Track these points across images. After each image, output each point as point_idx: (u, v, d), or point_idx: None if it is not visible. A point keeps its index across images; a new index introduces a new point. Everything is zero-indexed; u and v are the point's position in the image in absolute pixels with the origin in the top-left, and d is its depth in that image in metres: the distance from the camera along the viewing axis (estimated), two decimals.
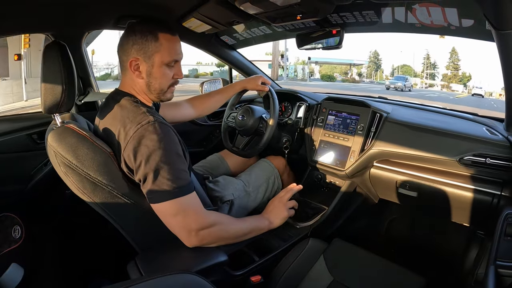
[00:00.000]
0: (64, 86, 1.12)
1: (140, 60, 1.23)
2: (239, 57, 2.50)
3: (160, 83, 1.28)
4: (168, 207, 1.13)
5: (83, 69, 1.86)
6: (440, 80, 58.09)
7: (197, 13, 1.60)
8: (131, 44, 1.23)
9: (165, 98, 1.35)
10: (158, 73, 1.27)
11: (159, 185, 1.11)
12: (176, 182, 1.13)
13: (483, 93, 38.21)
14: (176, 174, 1.14)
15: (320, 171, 1.96)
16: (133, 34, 1.23)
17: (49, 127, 1.24)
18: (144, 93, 1.30)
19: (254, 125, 1.86)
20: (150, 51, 1.23)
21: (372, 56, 61.78)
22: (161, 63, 1.25)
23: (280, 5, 1.32)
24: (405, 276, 1.30)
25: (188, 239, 1.18)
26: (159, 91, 1.30)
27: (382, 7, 1.44)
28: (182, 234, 1.18)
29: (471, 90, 44.62)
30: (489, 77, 62.00)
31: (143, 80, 1.27)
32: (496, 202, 1.38)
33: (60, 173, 1.15)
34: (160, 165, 1.11)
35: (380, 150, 1.64)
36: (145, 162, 1.11)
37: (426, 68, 58.69)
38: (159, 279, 0.82)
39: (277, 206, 1.54)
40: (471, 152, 1.42)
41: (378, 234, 2.19)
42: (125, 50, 1.24)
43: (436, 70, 59.75)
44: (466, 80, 56.97)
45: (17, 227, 1.44)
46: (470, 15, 1.28)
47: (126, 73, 1.28)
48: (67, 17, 1.53)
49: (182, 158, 1.20)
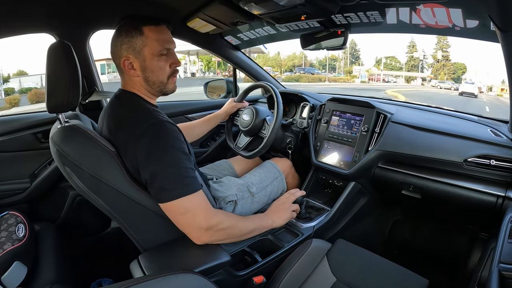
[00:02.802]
0: (68, 85, 1.12)
1: (131, 57, 1.25)
2: (244, 58, 2.50)
3: (157, 76, 1.29)
4: (177, 206, 1.14)
5: (87, 68, 1.86)
6: (430, 72, 53.55)
7: (201, 13, 1.61)
8: (120, 45, 1.24)
9: (168, 90, 1.36)
10: (153, 66, 1.27)
11: (167, 184, 1.12)
12: (184, 181, 1.14)
13: (476, 90, 29.26)
14: (183, 173, 1.15)
15: (324, 171, 1.95)
16: (119, 35, 1.24)
17: (54, 126, 1.25)
18: (146, 90, 1.31)
19: (257, 126, 1.86)
20: (138, 47, 1.24)
21: (350, 47, 59.99)
22: (152, 55, 1.26)
23: (284, 5, 1.32)
24: (408, 278, 1.30)
25: (198, 236, 1.20)
26: (159, 83, 1.31)
27: (386, 8, 1.43)
28: (192, 232, 1.20)
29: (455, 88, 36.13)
30: (488, 68, 57.97)
31: (140, 77, 1.28)
32: (500, 204, 1.37)
33: (64, 172, 1.15)
34: (167, 164, 1.13)
35: (384, 151, 1.64)
36: (151, 161, 1.12)
37: (410, 59, 55.75)
38: (162, 279, 0.82)
39: (280, 207, 1.56)
40: (476, 154, 1.41)
41: (381, 235, 2.18)
42: (116, 53, 1.26)
43: (425, 60, 55.81)
44: (460, 72, 51.94)
45: (21, 225, 1.45)
46: (474, 16, 1.27)
47: (123, 74, 1.30)
48: (72, 17, 1.54)
49: (189, 156, 1.21)
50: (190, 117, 2.40)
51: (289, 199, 1.59)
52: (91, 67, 1.90)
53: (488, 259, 1.31)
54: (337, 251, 1.44)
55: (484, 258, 1.34)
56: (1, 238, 1.36)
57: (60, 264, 1.46)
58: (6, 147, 1.78)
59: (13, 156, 1.81)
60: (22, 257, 1.31)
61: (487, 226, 1.58)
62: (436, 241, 2.04)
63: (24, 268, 1.30)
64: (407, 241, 2.15)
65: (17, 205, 1.80)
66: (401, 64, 57.62)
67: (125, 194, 1.15)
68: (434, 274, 1.67)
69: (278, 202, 1.59)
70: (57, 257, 1.49)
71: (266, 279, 1.34)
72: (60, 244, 1.61)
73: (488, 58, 55.73)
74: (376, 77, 50.68)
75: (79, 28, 1.69)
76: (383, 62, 58.19)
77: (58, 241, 1.62)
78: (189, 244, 1.22)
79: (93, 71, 1.92)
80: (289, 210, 1.56)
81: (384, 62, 58.63)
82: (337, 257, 1.41)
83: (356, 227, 1.92)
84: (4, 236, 1.36)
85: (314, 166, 1.95)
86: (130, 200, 1.16)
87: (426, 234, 2.10)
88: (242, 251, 1.47)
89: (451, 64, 53.16)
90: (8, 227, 1.42)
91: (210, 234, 1.20)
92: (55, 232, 1.68)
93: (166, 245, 1.25)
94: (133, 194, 1.16)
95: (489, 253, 1.33)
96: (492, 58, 51.39)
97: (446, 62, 53.09)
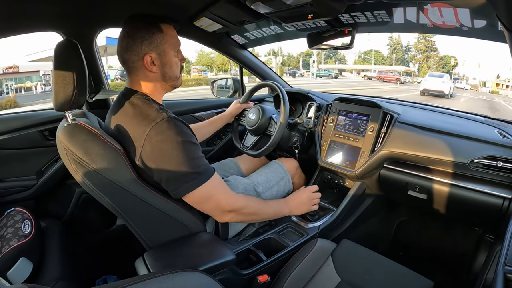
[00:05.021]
0: (75, 83, 1.12)
1: (153, 54, 1.27)
2: (250, 57, 2.50)
3: (173, 71, 1.35)
4: (198, 195, 1.21)
5: (94, 67, 1.87)
6: (415, 67, 48.33)
7: (208, 12, 1.61)
8: (140, 41, 1.25)
9: (178, 84, 1.41)
10: (171, 62, 1.33)
11: (184, 178, 1.17)
12: (199, 169, 1.20)
13: (446, 87, 20.79)
14: (197, 163, 1.20)
15: (330, 171, 1.95)
16: (138, 31, 1.25)
17: (60, 124, 1.25)
18: (158, 87, 1.35)
19: (264, 125, 1.86)
20: (159, 43, 1.28)
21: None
22: (170, 51, 1.32)
23: (291, 4, 1.32)
24: (412, 279, 1.29)
25: (221, 217, 1.33)
26: (174, 78, 1.37)
27: (393, 7, 1.43)
28: (215, 214, 1.32)
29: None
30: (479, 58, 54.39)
31: (157, 73, 1.31)
32: (506, 206, 1.36)
33: (70, 170, 1.16)
34: (182, 159, 1.16)
35: (390, 152, 1.63)
36: (166, 159, 1.15)
37: (392, 52, 53.46)
38: (167, 276, 0.83)
39: (304, 200, 1.68)
40: (482, 155, 1.40)
41: (386, 236, 2.17)
42: (134, 50, 1.26)
43: (410, 53, 52.52)
44: (450, 67, 47.82)
45: (27, 222, 1.46)
46: (482, 16, 1.26)
47: (138, 72, 1.30)
48: (80, 16, 1.55)
49: (198, 146, 1.25)
50: (197, 115, 2.41)
51: (316, 195, 1.72)
52: (98, 65, 1.91)
53: (493, 261, 1.30)
54: (342, 251, 1.44)
55: (490, 260, 1.33)
56: (8, 234, 1.37)
57: (65, 260, 1.47)
58: (13, 145, 1.79)
59: (20, 153, 1.83)
60: (27, 253, 1.32)
61: (493, 228, 1.57)
62: (441, 242, 2.03)
63: (30, 264, 1.31)
64: (412, 242, 2.14)
65: (24, 202, 1.82)
66: (384, 58, 56.19)
67: (131, 192, 1.16)
68: (439, 276, 1.66)
69: (303, 194, 1.68)
70: (63, 254, 1.50)
71: (271, 278, 1.34)
72: (65, 241, 1.62)
73: (479, 47, 52.71)
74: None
75: (86, 26, 1.70)
76: (363, 57, 56.77)
77: (64, 238, 1.63)
78: (194, 243, 1.23)
79: (100, 69, 1.92)
80: (311, 205, 1.70)
81: (364, 57, 57.47)
82: (342, 257, 1.40)
83: (361, 228, 1.92)
84: (10, 233, 1.37)
85: (320, 165, 1.95)
86: (136, 198, 1.17)
87: (432, 235, 2.09)
88: (247, 250, 1.47)
89: (437, 55, 49.18)
90: (14, 224, 1.43)
91: (232, 216, 1.33)
92: (61, 229, 1.69)
93: (171, 243, 1.26)
94: (139, 192, 1.17)
95: (494, 256, 1.32)
96: (484, 47, 48.14)
97: (430, 53, 49.24)
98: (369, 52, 59.58)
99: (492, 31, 1.32)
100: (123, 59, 1.29)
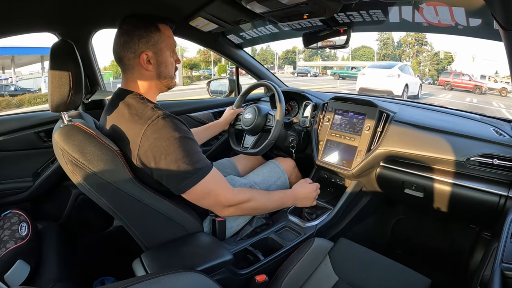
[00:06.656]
0: (71, 84, 1.12)
1: (149, 52, 1.28)
2: (246, 56, 2.50)
3: (169, 70, 1.36)
4: (198, 191, 1.22)
5: (90, 67, 1.86)
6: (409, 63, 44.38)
7: (203, 12, 1.61)
8: (137, 39, 1.26)
9: (173, 84, 1.43)
10: (167, 61, 1.35)
11: (184, 174, 1.17)
12: (197, 165, 1.20)
13: (398, 88, 13.54)
14: (195, 158, 1.20)
15: (326, 170, 1.96)
16: (136, 29, 1.26)
17: (56, 125, 1.25)
18: (153, 86, 1.35)
19: (262, 122, 1.87)
20: (156, 42, 1.29)
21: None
22: (166, 51, 1.33)
23: (287, 4, 1.32)
24: (410, 277, 1.30)
25: (221, 212, 1.33)
26: (169, 77, 1.38)
27: (389, 6, 1.43)
28: (216, 209, 1.32)
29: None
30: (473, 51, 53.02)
31: (153, 72, 1.32)
32: (503, 204, 1.36)
33: (67, 171, 1.16)
34: (180, 154, 1.16)
35: (387, 150, 1.64)
36: (165, 156, 1.15)
37: (381, 47, 52.56)
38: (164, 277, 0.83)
39: (309, 195, 1.66)
40: (478, 153, 1.41)
41: (384, 234, 2.18)
42: (131, 48, 1.26)
43: (400, 48, 49.82)
44: (446, 63, 44.94)
45: (24, 224, 1.45)
46: (477, 15, 1.27)
47: (134, 70, 1.30)
48: (75, 17, 1.54)
49: (195, 140, 1.26)
50: (193, 116, 2.41)
51: (317, 192, 1.71)
52: (94, 66, 1.90)
53: (490, 258, 1.31)
54: (340, 250, 1.44)
55: (487, 257, 1.33)
56: (4, 236, 1.36)
57: (62, 262, 1.47)
58: (9, 146, 1.78)
59: (16, 155, 1.82)
60: (25, 255, 1.31)
61: (490, 226, 1.58)
62: (438, 240, 2.04)
63: (27, 266, 1.30)
64: (410, 240, 2.14)
65: (20, 204, 1.81)
66: (374, 55, 55.28)
67: (128, 192, 1.16)
68: (436, 273, 1.67)
69: (307, 189, 1.67)
70: (60, 256, 1.50)
71: (268, 278, 1.34)
72: (62, 242, 1.62)
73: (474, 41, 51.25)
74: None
75: (81, 27, 1.69)
76: (352, 54, 55.55)
77: (61, 240, 1.62)
78: (192, 243, 1.23)
79: (96, 70, 1.92)
80: (312, 200, 1.68)
81: (353, 55, 56.83)
82: (340, 256, 1.41)
83: (359, 226, 1.92)
84: (7, 235, 1.36)
85: (317, 165, 1.95)
86: (133, 199, 1.17)
87: (429, 233, 2.09)
88: (244, 250, 1.47)
89: (428, 50, 46.38)
90: (11, 226, 1.42)
91: (232, 210, 1.34)
92: (58, 231, 1.69)
93: (169, 244, 1.26)
94: (136, 192, 1.17)
95: (491, 253, 1.32)
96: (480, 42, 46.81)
97: (421, 47, 46.52)
98: (360, 49, 59.30)
99: (487, 29, 1.33)
100: (119, 57, 1.29)
